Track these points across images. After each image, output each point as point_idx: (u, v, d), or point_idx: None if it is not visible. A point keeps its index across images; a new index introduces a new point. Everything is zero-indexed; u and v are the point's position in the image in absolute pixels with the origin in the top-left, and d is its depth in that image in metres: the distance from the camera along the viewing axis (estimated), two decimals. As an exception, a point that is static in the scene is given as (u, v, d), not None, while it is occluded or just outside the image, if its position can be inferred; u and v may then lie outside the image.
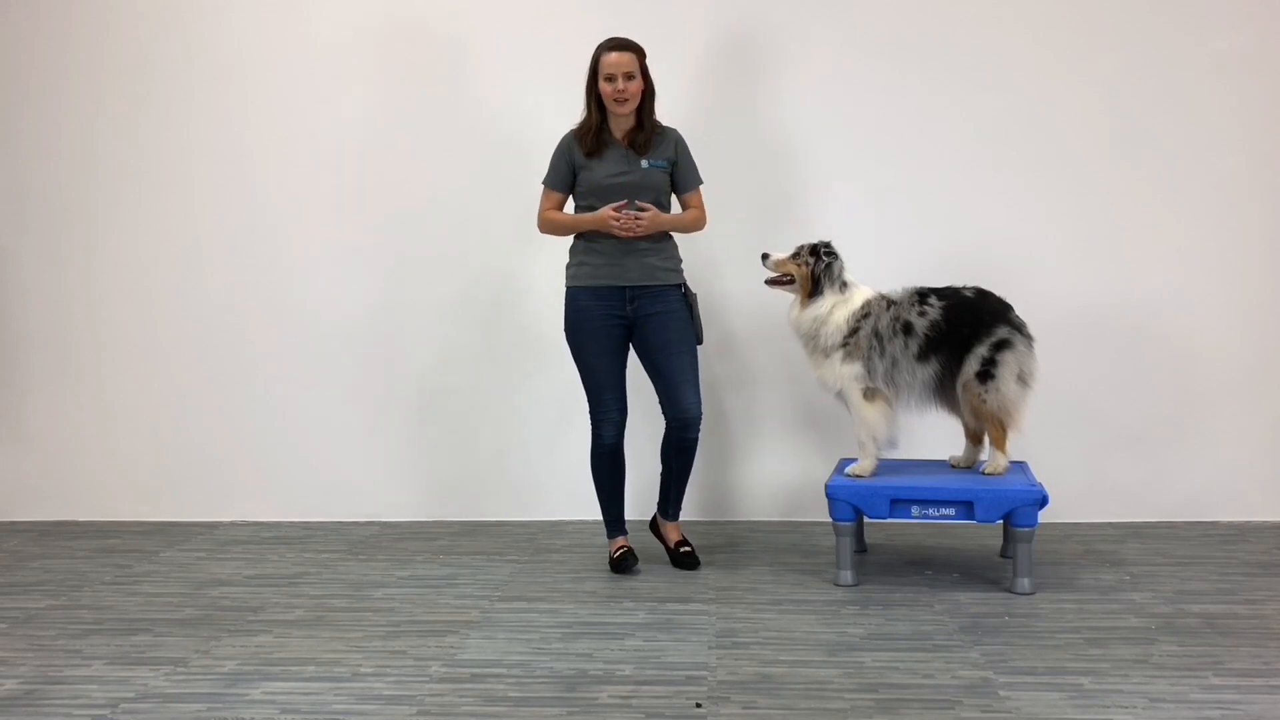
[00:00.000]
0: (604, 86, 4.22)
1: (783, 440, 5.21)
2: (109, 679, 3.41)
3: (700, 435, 4.41)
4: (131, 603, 4.16)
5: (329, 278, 5.27)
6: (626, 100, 4.22)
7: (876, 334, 4.25)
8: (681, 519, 4.63)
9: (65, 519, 5.41)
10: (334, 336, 5.29)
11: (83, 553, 4.85)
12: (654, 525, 4.61)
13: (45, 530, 5.25)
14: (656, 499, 4.56)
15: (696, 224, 4.42)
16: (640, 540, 4.58)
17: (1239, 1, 4.93)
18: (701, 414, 4.38)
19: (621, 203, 4.22)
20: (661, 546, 4.58)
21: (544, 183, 4.39)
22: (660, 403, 4.38)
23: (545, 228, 4.42)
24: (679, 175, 4.37)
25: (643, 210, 4.22)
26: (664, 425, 4.39)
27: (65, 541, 5.04)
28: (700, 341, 4.42)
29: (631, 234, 4.22)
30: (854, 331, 4.27)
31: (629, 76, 4.20)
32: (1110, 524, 5.04)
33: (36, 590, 4.32)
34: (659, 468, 4.48)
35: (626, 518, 4.53)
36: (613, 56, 4.21)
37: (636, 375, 4.40)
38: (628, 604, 4.03)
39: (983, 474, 4.27)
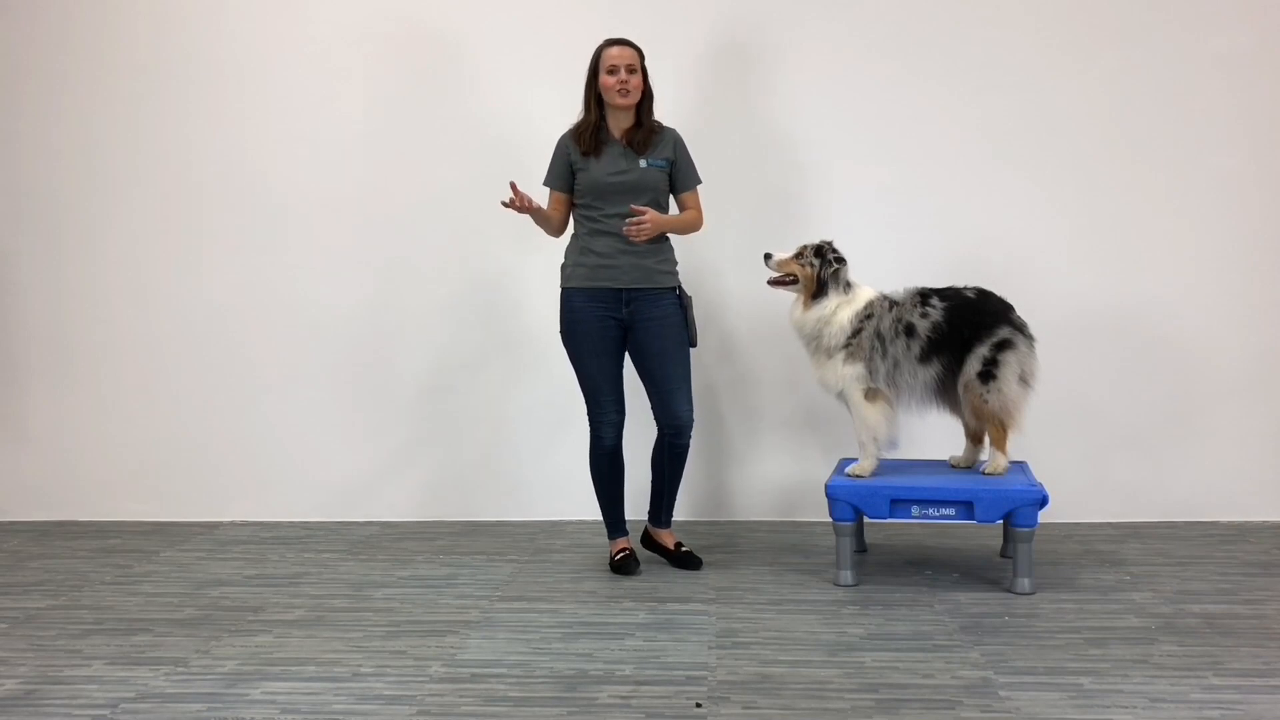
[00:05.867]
0: (606, 79, 4.22)
1: (783, 440, 5.21)
2: (109, 679, 3.41)
3: (700, 437, 4.41)
4: (131, 603, 4.16)
5: (328, 278, 5.28)
6: (629, 92, 4.21)
7: (879, 335, 4.25)
8: (683, 519, 4.64)
9: (65, 519, 5.41)
10: (334, 337, 5.29)
11: (83, 553, 4.85)
12: (646, 539, 4.59)
13: (45, 530, 5.25)
14: (648, 509, 4.55)
15: (693, 225, 4.41)
16: (639, 551, 4.56)
17: (1240, 1, 4.93)
18: (693, 419, 4.38)
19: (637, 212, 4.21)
20: (658, 554, 4.57)
21: (544, 184, 4.38)
22: (652, 408, 4.38)
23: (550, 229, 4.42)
24: (677, 175, 4.37)
25: (641, 214, 4.21)
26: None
27: (65, 541, 5.04)
28: (694, 344, 4.41)
29: (638, 239, 4.21)
30: (857, 332, 4.27)
31: (631, 70, 4.21)
32: (1110, 524, 5.04)
33: (36, 590, 4.32)
34: (651, 472, 4.49)
35: (626, 518, 4.52)
36: (615, 50, 4.22)
37: (633, 377, 4.41)
38: (628, 604, 4.03)
39: (983, 474, 4.27)
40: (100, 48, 5.27)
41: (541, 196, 4.38)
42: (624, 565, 4.39)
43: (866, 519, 4.29)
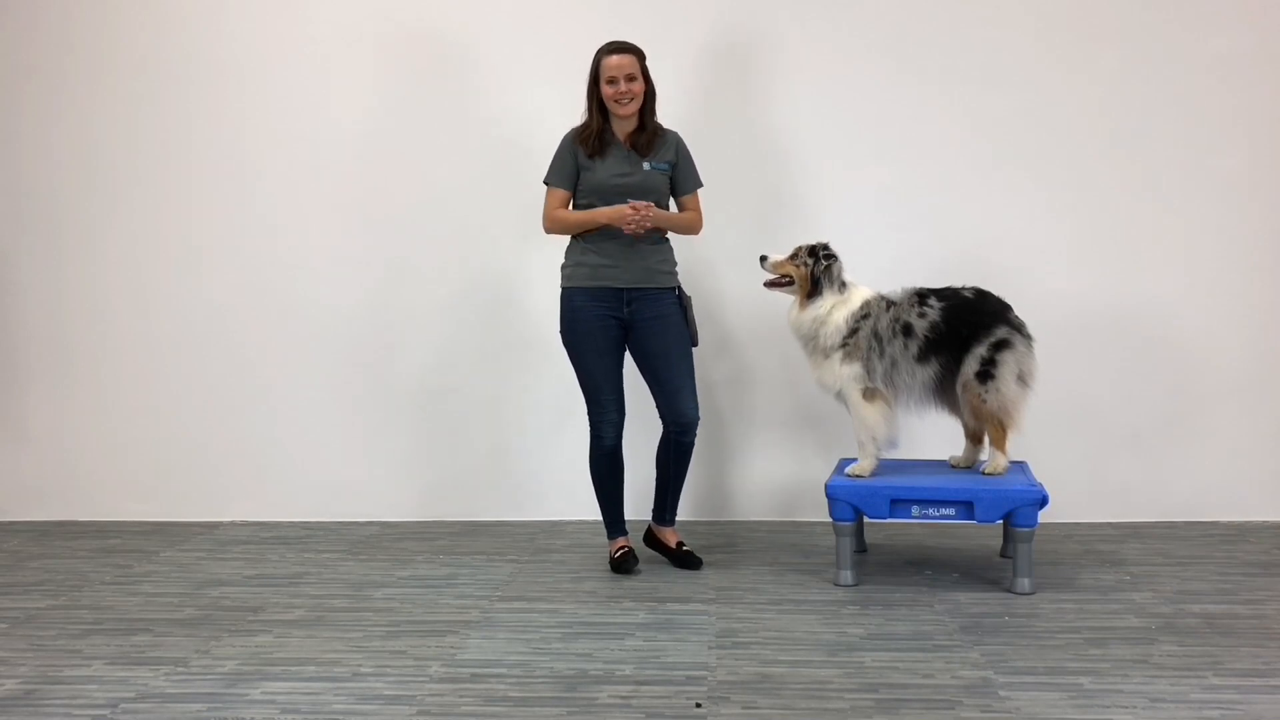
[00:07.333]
0: (606, 89, 4.22)
1: (782, 440, 5.21)
2: (109, 679, 3.41)
3: (700, 436, 4.42)
4: (131, 603, 4.16)
5: (328, 278, 5.27)
6: (630, 101, 4.22)
7: (876, 335, 4.26)
8: (683, 519, 4.64)
9: (65, 519, 5.41)
10: (334, 336, 5.29)
11: (83, 553, 4.85)
12: (649, 537, 4.60)
13: (45, 530, 5.25)
14: (652, 506, 4.56)
15: (691, 226, 4.41)
16: (640, 549, 4.55)
17: (1240, 1, 4.93)
18: (699, 417, 4.38)
19: (639, 203, 4.20)
20: (659, 553, 4.57)
21: (547, 182, 4.37)
22: (658, 408, 4.38)
23: (554, 227, 4.36)
24: (678, 177, 4.37)
25: (644, 208, 4.20)
26: (660, 426, 4.41)
27: (65, 541, 5.04)
28: (695, 344, 4.42)
29: (640, 230, 4.20)
30: (853, 332, 4.27)
31: (630, 78, 4.20)
32: (1110, 524, 5.04)
33: (36, 590, 4.32)
34: (656, 469, 4.49)
35: (626, 517, 4.53)
36: (613, 59, 4.21)
37: (632, 377, 4.41)
38: (628, 604, 4.03)
39: (983, 474, 4.27)
40: (100, 48, 5.27)
41: (539, 193, 4.39)
42: (623, 563, 4.39)
43: (866, 519, 4.29)
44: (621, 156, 4.29)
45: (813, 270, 4.31)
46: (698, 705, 3.15)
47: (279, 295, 5.30)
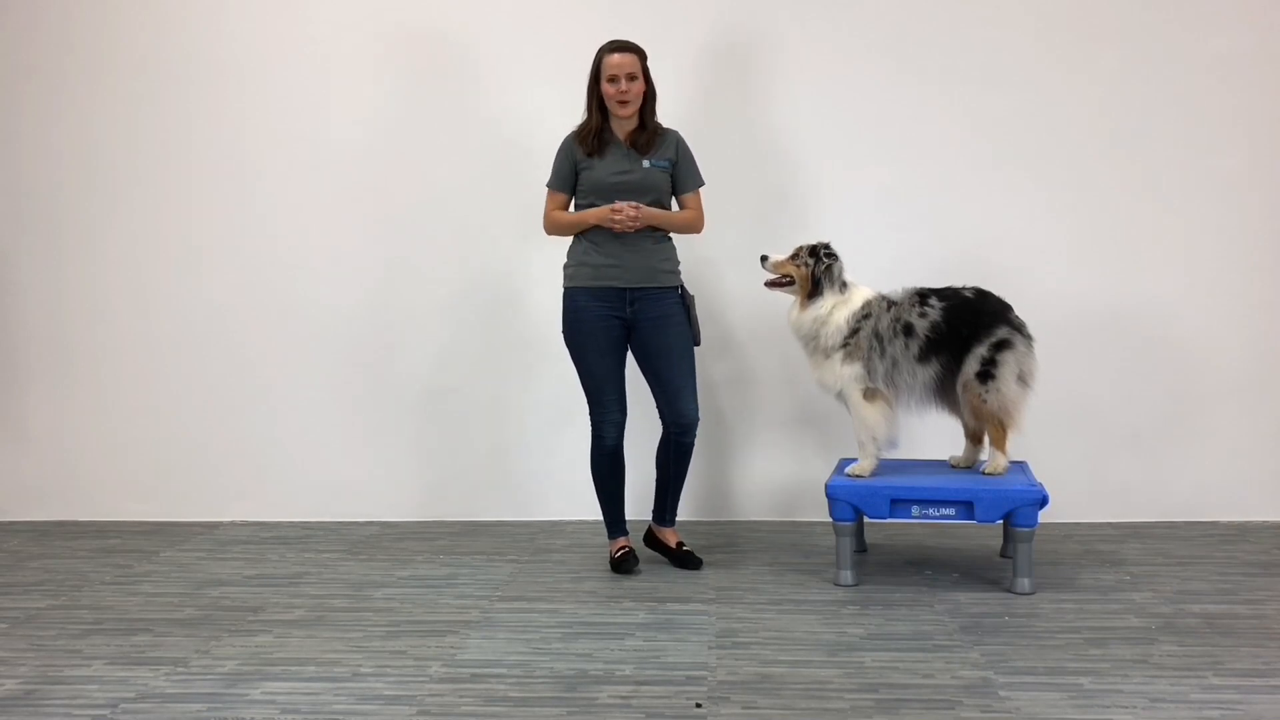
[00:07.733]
0: (606, 88, 4.22)
1: (782, 440, 5.21)
2: (109, 679, 3.41)
3: (700, 436, 4.43)
4: (131, 603, 4.16)
5: (329, 278, 5.27)
6: (629, 101, 4.22)
7: (877, 335, 4.26)
8: (683, 519, 4.65)
9: (65, 519, 5.41)
10: (334, 336, 5.29)
11: (83, 553, 4.85)
12: (649, 537, 4.60)
13: (45, 530, 5.25)
14: (652, 506, 4.56)
15: (691, 225, 4.41)
16: (640, 549, 4.55)
17: (1240, 1, 4.93)
18: (699, 417, 4.39)
19: (621, 204, 4.22)
20: (659, 553, 4.57)
21: (548, 185, 4.39)
22: (658, 407, 4.39)
23: (551, 229, 4.41)
24: (678, 176, 4.37)
25: (628, 209, 4.20)
26: (660, 427, 4.41)
27: (65, 541, 5.04)
28: (698, 343, 4.43)
29: (629, 228, 4.21)
30: (854, 332, 4.27)
31: (631, 77, 4.21)
32: (1110, 524, 5.04)
33: (36, 590, 4.32)
34: (656, 469, 4.49)
35: (626, 517, 4.53)
36: (615, 58, 4.21)
37: (634, 376, 4.41)
38: (628, 604, 4.03)
39: (983, 474, 4.27)
40: (100, 48, 5.27)
41: (539, 193, 4.40)
42: (623, 563, 4.40)
43: (866, 519, 4.29)
44: (621, 154, 4.29)
45: (813, 270, 4.31)
46: (698, 705, 3.15)
47: (279, 295, 5.30)
